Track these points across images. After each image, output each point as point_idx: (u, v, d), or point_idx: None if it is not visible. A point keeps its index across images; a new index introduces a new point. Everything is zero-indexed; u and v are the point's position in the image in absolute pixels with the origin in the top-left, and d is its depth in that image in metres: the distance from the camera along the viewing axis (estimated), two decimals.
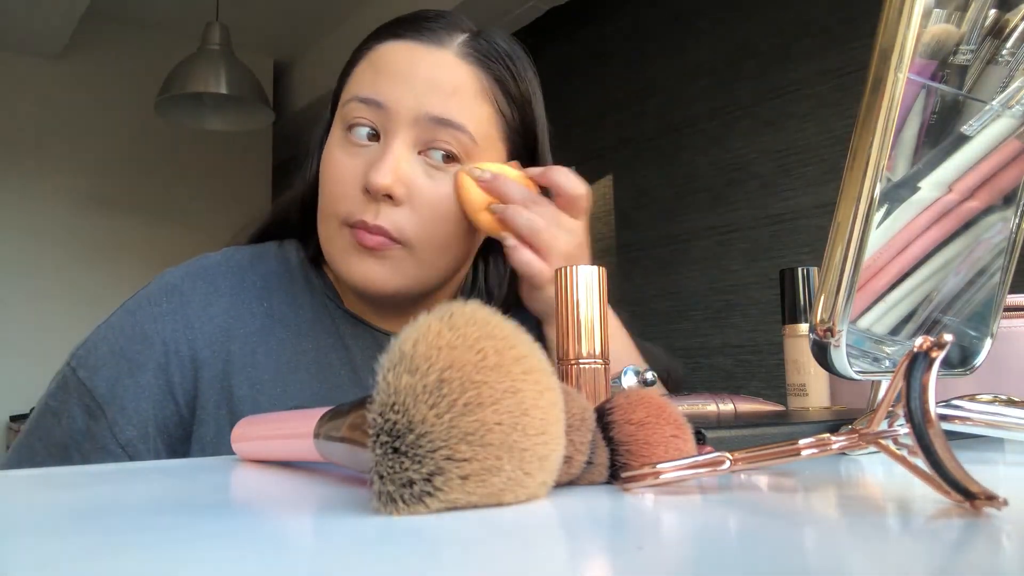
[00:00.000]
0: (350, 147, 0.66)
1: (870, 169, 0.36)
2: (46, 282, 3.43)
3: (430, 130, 0.64)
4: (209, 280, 0.68)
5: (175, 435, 0.64)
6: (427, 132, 0.64)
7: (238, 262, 0.71)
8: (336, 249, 0.66)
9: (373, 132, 0.65)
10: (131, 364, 0.63)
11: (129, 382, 0.63)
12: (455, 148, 0.65)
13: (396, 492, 0.26)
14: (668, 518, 0.28)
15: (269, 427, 0.44)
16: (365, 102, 0.65)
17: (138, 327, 0.65)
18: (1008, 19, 0.41)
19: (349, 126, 0.66)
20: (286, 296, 0.69)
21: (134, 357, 0.64)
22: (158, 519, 0.28)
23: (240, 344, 0.65)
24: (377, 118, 0.65)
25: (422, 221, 0.65)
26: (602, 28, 3.01)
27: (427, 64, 0.65)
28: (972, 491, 0.26)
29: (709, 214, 2.52)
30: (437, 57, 0.65)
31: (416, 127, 0.64)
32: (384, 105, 0.64)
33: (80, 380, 0.63)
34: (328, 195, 0.66)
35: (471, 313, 0.29)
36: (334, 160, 0.66)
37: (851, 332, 0.39)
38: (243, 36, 3.33)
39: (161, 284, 0.68)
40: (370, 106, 0.64)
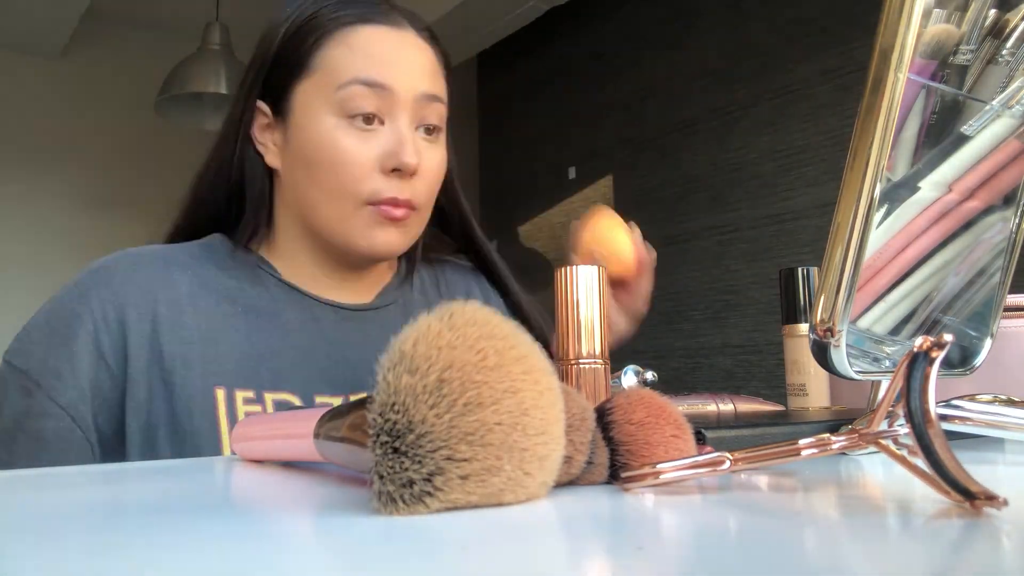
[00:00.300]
0: (357, 132, 0.69)
1: (870, 169, 0.36)
2: (46, 281, 3.42)
3: (422, 107, 0.71)
4: (134, 256, 0.72)
5: (111, 398, 0.65)
6: (421, 109, 0.71)
7: (163, 247, 0.75)
8: (355, 226, 0.70)
9: (375, 116, 0.70)
10: (63, 338, 0.65)
11: (62, 351, 0.65)
12: (437, 120, 0.73)
13: (396, 492, 0.26)
14: (668, 518, 0.28)
15: (269, 427, 0.44)
16: (370, 85, 0.69)
17: (66, 308, 0.67)
18: (1008, 19, 0.41)
19: (350, 114, 0.69)
20: (213, 265, 0.73)
21: (64, 332, 0.66)
22: (158, 519, 0.28)
23: (166, 306, 0.68)
24: (381, 101, 0.69)
25: (428, 187, 0.73)
26: (602, 28, 3.01)
27: (408, 47, 0.72)
28: (972, 491, 0.26)
29: (709, 214, 2.52)
30: (410, 39, 0.72)
31: (414, 106, 0.71)
32: (389, 88, 0.69)
33: (14, 367, 0.65)
34: (345, 178, 0.69)
35: (471, 313, 0.29)
36: (344, 146, 0.69)
37: (851, 332, 0.39)
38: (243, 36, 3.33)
39: (85, 269, 0.70)
40: (375, 89, 0.69)
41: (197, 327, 0.68)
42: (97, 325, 0.66)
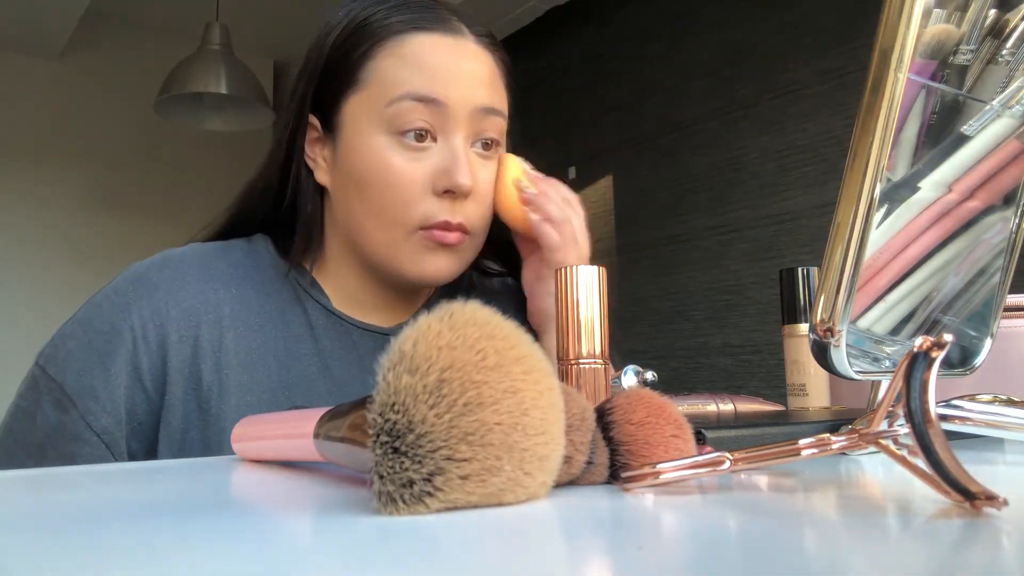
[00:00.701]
0: (409, 151, 0.65)
1: (870, 169, 0.36)
2: (46, 282, 3.43)
3: (479, 121, 0.67)
4: (176, 268, 0.67)
5: (146, 423, 0.63)
6: (478, 123, 0.67)
7: (205, 252, 0.70)
8: (406, 252, 0.66)
9: (427, 132, 0.65)
10: (100, 355, 0.63)
11: (99, 372, 0.62)
12: (496, 135, 0.69)
13: (396, 492, 0.26)
14: (668, 518, 0.28)
15: (269, 427, 0.44)
16: (423, 101, 0.64)
17: (105, 319, 0.64)
18: (1008, 19, 0.41)
19: (401, 131, 0.65)
20: (255, 285, 0.69)
21: (103, 347, 0.63)
22: (158, 519, 0.28)
23: (208, 329, 0.65)
24: (434, 117, 0.65)
25: (482, 210, 0.69)
26: (602, 28, 3.01)
27: (465, 56, 0.66)
28: (972, 491, 0.26)
29: (709, 214, 2.52)
30: (466, 48, 0.67)
31: (470, 120, 0.66)
32: (443, 103, 0.65)
33: (50, 376, 0.63)
34: (395, 200, 0.65)
35: (471, 313, 0.29)
36: (394, 167, 0.65)
37: (851, 332, 0.39)
38: (243, 36, 3.33)
39: (127, 276, 0.67)
40: (428, 104, 0.64)
41: (236, 352, 0.65)
42: (137, 344, 0.63)
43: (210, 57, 2.72)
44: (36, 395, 0.63)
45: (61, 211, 3.50)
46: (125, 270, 0.68)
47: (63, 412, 0.62)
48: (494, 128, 0.68)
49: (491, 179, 0.69)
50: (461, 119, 0.66)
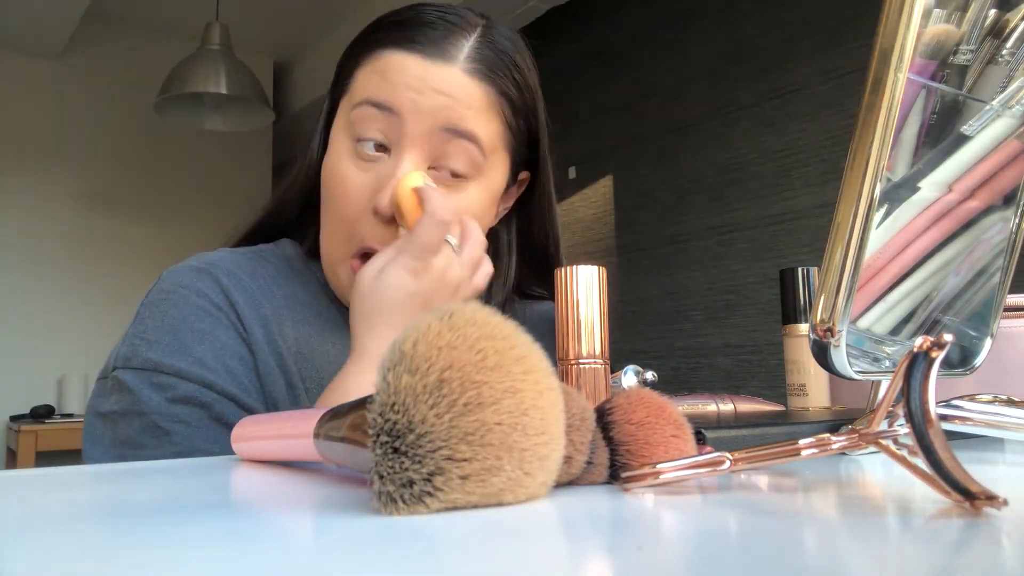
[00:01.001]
0: (359, 161, 0.63)
1: (870, 169, 0.36)
2: (46, 281, 3.43)
3: (442, 143, 0.62)
4: (222, 264, 0.66)
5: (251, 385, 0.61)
6: (439, 146, 0.62)
7: (242, 255, 0.69)
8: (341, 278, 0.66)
9: (382, 144, 0.63)
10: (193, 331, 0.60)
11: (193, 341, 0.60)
12: (463, 166, 0.63)
13: (396, 492, 0.26)
14: (668, 518, 0.28)
15: (269, 427, 0.44)
16: (378, 106, 0.62)
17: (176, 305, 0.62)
18: (1008, 19, 0.41)
19: (358, 137, 0.63)
20: (298, 282, 0.69)
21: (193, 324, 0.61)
22: (158, 519, 0.28)
23: (271, 312, 0.64)
24: (389, 128, 0.62)
25: None
26: (602, 28, 3.01)
27: (438, 81, 0.62)
28: (972, 491, 0.26)
29: (709, 214, 2.52)
30: (447, 75, 0.63)
31: (429, 140, 0.62)
32: (398, 112, 0.62)
33: (137, 368, 0.59)
34: (337, 214, 0.64)
35: (471, 313, 0.29)
36: (342, 175, 0.63)
37: (851, 332, 0.39)
38: (243, 36, 3.33)
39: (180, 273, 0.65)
40: (383, 111, 0.62)
41: (296, 339, 0.64)
42: (220, 312, 0.62)
43: (210, 57, 2.73)
44: (125, 393, 0.59)
45: (61, 211, 3.50)
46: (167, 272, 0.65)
47: (167, 388, 0.58)
48: (462, 157, 0.63)
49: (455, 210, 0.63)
50: (417, 135, 0.62)
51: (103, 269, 3.50)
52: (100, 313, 3.40)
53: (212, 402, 0.59)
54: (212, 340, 0.61)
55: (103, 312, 3.39)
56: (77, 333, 3.36)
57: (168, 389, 0.59)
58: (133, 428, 0.59)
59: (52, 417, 3.16)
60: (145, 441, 0.58)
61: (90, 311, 3.41)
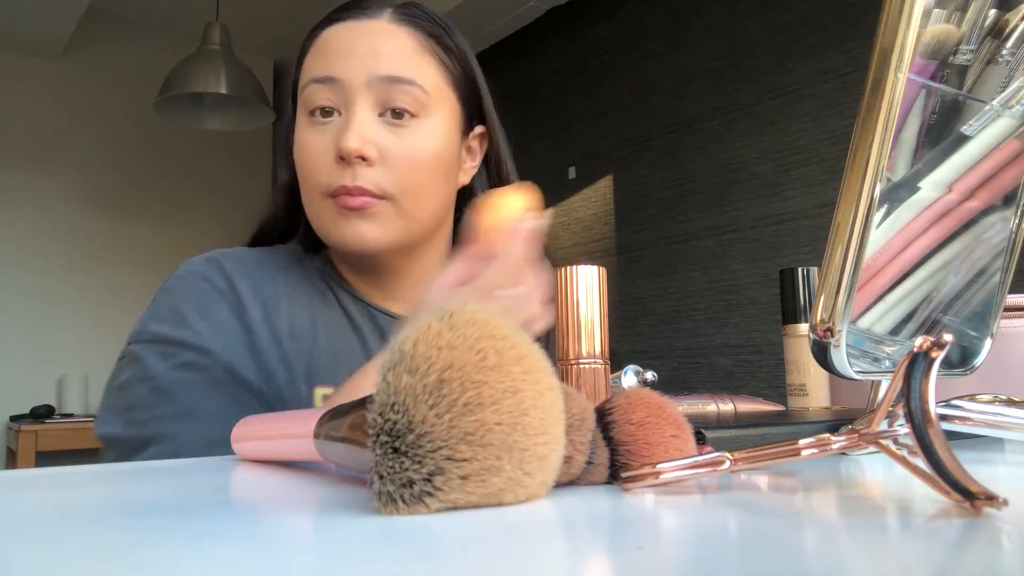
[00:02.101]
0: (316, 126, 0.70)
1: (870, 169, 0.36)
2: (45, 282, 3.43)
3: (384, 91, 0.69)
4: (233, 254, 0.74)
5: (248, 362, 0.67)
6: (383, 93, 0.69)
7: (253, 250, 0.77)
8: (325, 220, 0.70)
9: (332, 109, 0.70)
10: (194, 308, 0.67)
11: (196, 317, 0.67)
12: (410, 105, 0.69)
13: (396, 492, 0.26)
14: (668, 518, 0.28)
15: (269, 427, 0.44)
16: (321, 81, 0.69)
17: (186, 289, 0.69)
18: (1008, 19, 0.41)
19: (311, 110, 0.70)
20: (300, 277, 0.75)
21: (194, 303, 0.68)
22: (158, 519, 0.28)
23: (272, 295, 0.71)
24: (334, 94, 0.69)
25: (398, 175, 0.69)
26: (602, 28, 3.01)
27: (366, 34, 0.70)
28: (972, 491, 0.26)
29: (709, 214, 2.52)
30: (372, 26, 0.71)
31: (371, 91, 0.68)
32: (337, 78, 0.68)
33: (146, 342, 0.66)
34: (305, 172, 0.70)
35: (471, 313, 0.29)
36: (303, 141, 0.70)
37: (851, 332, 0.39)
38: (243, 36, 3.33)
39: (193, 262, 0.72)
40: (326, 84, 0.69)
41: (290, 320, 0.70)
42: (223, 295, 0.68)
43: (210, 57, 2.72)
44: (135, 364, 0.66)
45: (61, 211, 3.50)
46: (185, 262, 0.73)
47: (172, 357, 0.65)
48: (404, 97, 0.69)
49: (406, 147, 0.69)
50: (359, 91, 0.68)
51: (103, 269, 3.50)
52: (100, 313, 3.40)
53: (210, 366, 0.65)
54: (213, 317, 0.67)
55: (103, 312, 3.39)
56: (77, 333, 3.36)
57: (172, 357, 0.65)
58: (140, 393, 0.65)
59: (52, 417, 3.16)
60: (151, 402, 0.64)
61: (90, 311, 3.41)
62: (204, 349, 0.65)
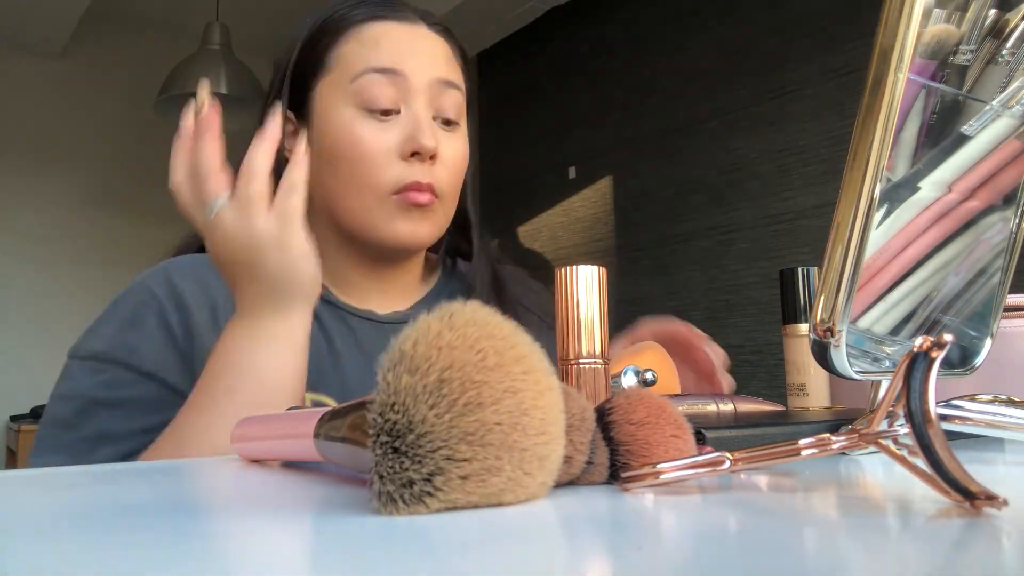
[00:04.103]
0: (375, 122, 0.70)
1: (870, 169, 0.36)
2: (45, 282, 3.43)
3: (439, 94, 0.71)
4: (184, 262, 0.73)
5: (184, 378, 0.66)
6: (437, 97, 0.71)
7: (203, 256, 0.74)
8: (380, 217, 0.70)
9: (391, 109, 0.70)
10: (130, 322, 0.67)
11: (133, 334, 0.66)
12: (455, 112, 0.73)
13: (396, 492, 0.26)
14: (668, 518, 0.28)
15: (269, 427, 0.44)
16: (384, 72, 0.69)
17: (128, 301, 0.69)
18: (1008, 19, 0.41)
19: (367, 106, 0.69)
20: None
21: (131, 317, 0.67)
22: (158, 519, 0.28)
23: (223, 300, 0.69)
24: (395, 89, 0.70)
25: (450, 176, 0.72)
26: (602, 28, 3.01)
27: (419, 36, 0.72)
28: (972, 491, 0.26)
29: (709, 214, 2.52)
30: (421, 32, 0.73)
31: (429, 92, 0.71)
32: (402, 73, 0.70)
33: (80, 357, 0.66)
34: (365, 167, 0.70)
35: (471, 313, 0.29)
36: (362, 136, 0.69)
37: (851, 332, 0.39)
38: (243, 36, 3.33)
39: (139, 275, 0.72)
40: (388, 75, 0.69)
41: None
42: (163, 307, 0.67)
43: (210, 57, 2.73)
44: (68, 379, 0.66)
45: (61, 211, 3.50)
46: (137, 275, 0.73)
47: (100, 373, 0.65)
48: (453, 104, 0.72)
49: (455, 150, 0.72)
50: (421, 89, 0.70)
51: (103, 269, 3.49)
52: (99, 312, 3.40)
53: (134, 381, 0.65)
54: (144, 328, 0.67)
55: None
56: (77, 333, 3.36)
57: (99, 373, 0.65)
58: (68, 409, 0.65)
59: None
60: (76, 421, 0.64)
61: (90, 311, 3.40)
62: (131, 365, 0.65)
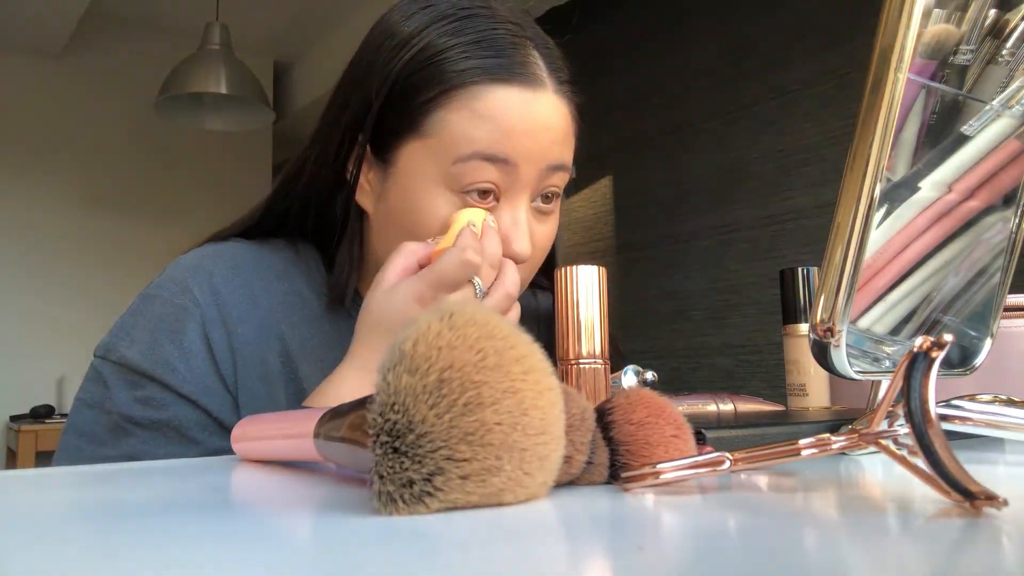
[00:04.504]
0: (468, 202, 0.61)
1: (870, 169, 0.36)
2: (46, 282, 3.43)
3: (547, 177, 0.63)
4: (229, 259, 0.67)
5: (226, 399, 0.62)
6: (544, 180, 0.63)
7: (251, 247, 0.69)
8: None
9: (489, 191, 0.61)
10: (169, 332, 0.61)
11: (172, 348, 0.61)
12: (559, 187, 0.65)
13: (396, 492, 0.26)
14: (668, 518, 0.28)
15: (269, 427, 0.44)
16: (493, 161, 0.60)
17: (167, 302, 0.63)
18: (1008, 19, 0.41)
19: (463, 189, 0.60)
20: (305, 280, 0.69)
21: (171, 325, 0.62)
22: (158, 519, 0.28)
23: (264, 312, 0.65)
24: (502, 176, 0.60)
25: (532, 269, 0.67)
26: (602, 28, 3.01)
27: (542, 112, 0.61)
28: (972, 491, 0.26)
29: (709, 214, 2.52)
30: (545, 102, 0.62)
31: (537, 178, 0.62)
32: (514, 163, 0.60)
33: (114, 362, 0.61)
34: None
35: (471, 313, 0.29)
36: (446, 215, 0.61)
37: (851, 332, 0.39)
38: (243, 36, 3.33)
39: (179, 265, 0.66)
40: (497, 164, 0.60)
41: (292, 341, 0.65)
42: (206, 318, 0.62)
43: (210, 57, 2.72)
44: (100, 385, 0.62)
45: (61, 211, 3.50)
46: (173, 263, 0.67)
47: (135, 388, 0.60)
48: (559, 181, 0.64)
49: (547, 234, 0.66)
50: (530, 180, 0.61)
51: (103, 269, 3.50)
52: (100, 313, 3.39)
53: (170, 403, 0.60)
54: (183, 340, 0.61)
55: (103, 312, 3.38)
56: (77, 333, 3.36)
57: (135, 388, 0.60)
58: (99, 422, 0.61)
59: (52, 417, 3.16)
60: (106, 438, 0.60)
61: (90, 311, 3.41)
62: (170, 385, 0.60)
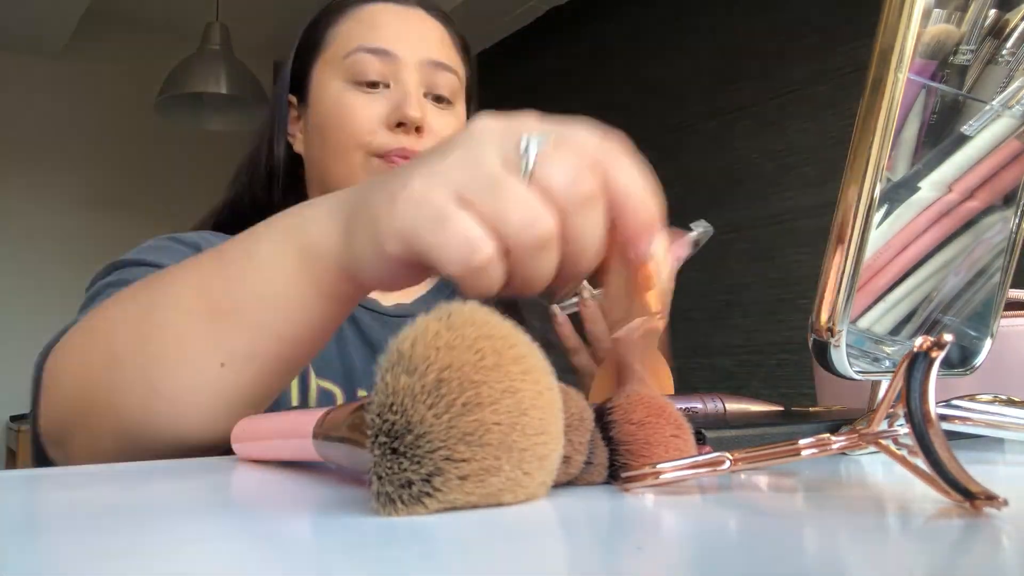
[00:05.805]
0: (364, 93, 0.72)
1: (870, 169, 0.36)
2: (46, 281, 3.42)
3: (431, 74, 0.73)
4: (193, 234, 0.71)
5: None
6: (429, 76, 0.73)
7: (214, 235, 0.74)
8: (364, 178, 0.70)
9: (379, 82, 0.72)
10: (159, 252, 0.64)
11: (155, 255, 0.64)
12: (448, 91, 0.75)
13: (395, 493, 0.26)
14: (668, 518, 0.28)
15: (269, 427, 0.44)
16: (374, 52, 0.71)
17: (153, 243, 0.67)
18: (1008, 19, 0.41)
19: (355, 80, 0.71)
20: None
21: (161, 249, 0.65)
22: (158, 519, 0.28)
23: None
24: (385, 67, 0.72)
25: None
26: (602, 28, 3.01)
27: (412, 18, 0.75)
28: (972, 491, 0.26)
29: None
30: (417, 15, 0.76)
31: (420, 72, 0.73)
32: (392, 53, 0.72)
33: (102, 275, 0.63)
34: (352, 132, 0.71)
35: (470, 313, 0.29)
36: (348, 105, 0.71)
37: (851, 332, 0.39)
38: (243, 36, 3.33)
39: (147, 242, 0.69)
40: (379, 55, 0.71)
41: None
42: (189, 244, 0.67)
43: (210, 57, 2.72)
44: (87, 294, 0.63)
45: (61, 211, 3.50)
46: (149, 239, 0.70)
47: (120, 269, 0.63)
48: (445, 84, 0.74)
49: (448, 126, 0.73)
50: (411, 68, 0.72)
51: None
52: None
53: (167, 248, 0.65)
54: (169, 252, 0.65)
55: None
56: None
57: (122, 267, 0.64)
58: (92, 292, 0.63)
59: None
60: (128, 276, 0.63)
61: None
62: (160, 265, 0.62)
